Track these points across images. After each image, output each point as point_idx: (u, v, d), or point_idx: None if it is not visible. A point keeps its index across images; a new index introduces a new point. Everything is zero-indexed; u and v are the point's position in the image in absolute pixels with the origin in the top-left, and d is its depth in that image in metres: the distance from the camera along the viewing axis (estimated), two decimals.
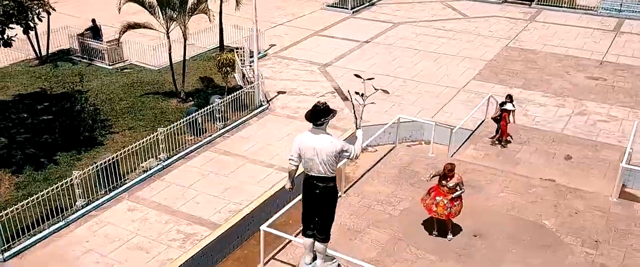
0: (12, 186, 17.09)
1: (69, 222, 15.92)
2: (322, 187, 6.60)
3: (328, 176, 6.58)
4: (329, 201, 6.74)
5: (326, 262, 6.77)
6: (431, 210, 12.67)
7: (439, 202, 12.49)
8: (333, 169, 6.58)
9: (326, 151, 6.44)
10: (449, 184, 12.38)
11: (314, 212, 6.92)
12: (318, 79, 25.85)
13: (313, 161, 6.53)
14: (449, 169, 12.42)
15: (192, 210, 16.65)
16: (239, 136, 20.90)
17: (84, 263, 14.55)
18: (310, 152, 6.51)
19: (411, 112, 22.52)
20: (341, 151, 6.55)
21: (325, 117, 6.69)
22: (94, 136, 19.70)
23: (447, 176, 12.40)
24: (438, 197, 12.53)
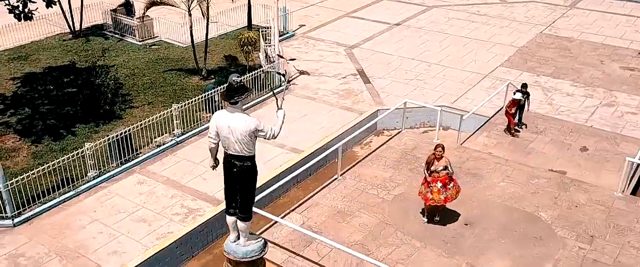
0: (29, 155, 17.79)
1: (79, 192, 16.47)
2: (239, 165, 6.66)
3: (244, 154, 6.62)
4: (247, 180, 6.79)
5: (250, 240, 6.84)
6: (428, 199, 12.53)
7: (432, 189, 12.40)
8: (249, 148, 6.61)
9: (240, 130, 6.48)
10: (439, 168, 12.26)
11: (234, 190, 7.00)
12: (342, 60, 25.75)
13: (228, 139, 6.59)
14: (441, 149, 12.32)
15: (198, 186, 16.98)
16: (256, 115, 20.97)
17: (88, 232, 15.07)
18: (225, 131, 6.58)
19: (432, 97, 22.26)
20: (255, 130, 6.57)
21: (239, 96, 6.71)
22: (113, 110, 20.24)
23: (436, 158, 12.29)
24: (432, 184, 12.42)
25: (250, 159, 6.61)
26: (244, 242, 6.67)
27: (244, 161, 6.56)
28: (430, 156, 12.54)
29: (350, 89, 23.07)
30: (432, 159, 12.46)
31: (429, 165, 12.43)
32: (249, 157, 6.60)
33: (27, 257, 14.19)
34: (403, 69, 24.81)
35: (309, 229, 12.59)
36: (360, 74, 24.43)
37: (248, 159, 6.59)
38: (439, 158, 12.38)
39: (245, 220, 6.75)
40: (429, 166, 12.43)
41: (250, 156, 6.60)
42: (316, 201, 13.54)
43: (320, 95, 22.61)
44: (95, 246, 14.63)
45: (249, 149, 6.52)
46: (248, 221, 6.78)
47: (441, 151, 12.39)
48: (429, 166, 12.42)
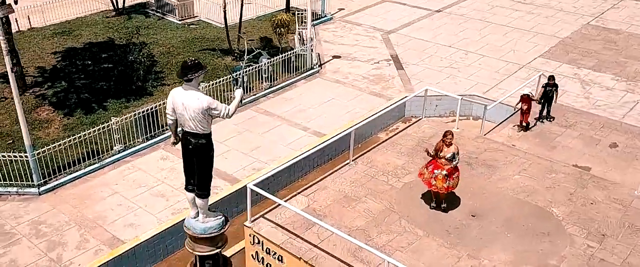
0: (61, 127, 18.47)
1: (103, 165, 17.03)
2: (193, 142, 6.76)
3: (199, 132, 6.70)
4: (202, 157, 6.88)
5: (209, 217, 6.93)
6: (430, 184, 12.46)
7: (437, 176, 12.26)
8: (204, 126, 6.68)
9: (193, 108, 6.56)
10: (447, 155, 12.10)
11: (191, 167, 7.11)
12: (378, 45, 25.56)
13: (183, 116, 6.69)
14: (451, 136, 12.16)
15: (218, 164, 17.11)
16: (283, 97, 21.25)
17: (108, 204, 15.59)
18: (180, 108, 6.67)
19: (464, 85, 21.90)
20: (208, 109, 6.63)
21: (193, 73, 6.77)
22: (145, 87, 20.73)
23: (445, 145, 12.13)
24: (436, 170, 12.30)
25: (205, 137, 6.70)
26: (202, 219, 6.80)
27: (198, 138, 6.66)
28: (439, 142, 12.38)
29: (381, 74, 22.91)
30: (441, 145, 12.31)
31: (437, 151, 12.28)
32: (204, 134, 6.69)
33: (48, 224, 14.80)
34: (438, 56, 24.45)
35: (313, 211, 12.65)
36: (394, 59, 24.20)
37: (203, 136, 6.68)
38: (448, 145, 12.22)
39: (203, 197, 6.87)
40: (437, 151, 12.28)
41: (204, 134, 6.69)
42: (324, 185, 13.57)
43: (350, 79, 22.55)
44: (113, 217, 15.12)
45: (203, 126, 6.61)
46: (205, 198, 6.90)
47: (451, 138, 12.23)
48: (438, 152, 12.28)
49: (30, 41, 24.06)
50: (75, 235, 14.46)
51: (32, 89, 20.05)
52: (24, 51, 22.75)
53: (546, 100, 17.09)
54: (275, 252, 11.77)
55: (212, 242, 6.61)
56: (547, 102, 17.11)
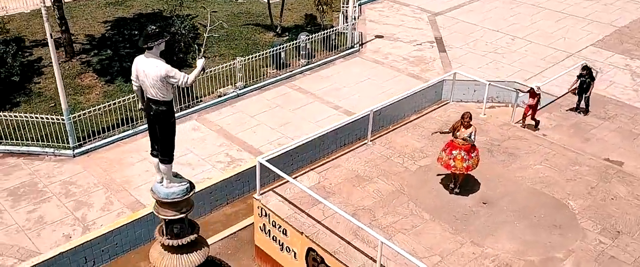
0: (101, 93, 19.22)
1: (137, 131, 17.65)
2: (154, 109, 6.94)
3: (159, 99, 6.87)
4: (163, 124, 7.05)
5: (173, 182, 7.13)
6: (449, 166, 12.30)
7: (456, 156, 12.12)
8: (163, 93, 6.84)
9: (152, 75, 6.72)
10: (464, 135, 11.95)
11: (155, 133, 7.30)
12: (423, 27, 25.21)
13: (144, 83, 6.87)
14: (469, 117, 12.01)
15: (246, 138, 17.61)
16: (319, 75, 21.33)
17: (136, 169, 16.19)
18: (141, 75, 6.86)
19: (506, 71, 21.39)
20: (166, 76, 6.77)
21: (153, 42, 6.91)
22: (185, 58, 21.24)
23: (464, 125, 11.98)
24: (454, 151, 12.16)
25: (165, 104, 6.88)
26: (166, 184, 7.02)
27: (159, 105, 6.85)
28: (457, 122, 12.23)
29: (422, 56, 22.63)
30: (458, 125, 12.17)
31: (454, 130, 12.16)
32: (164, 102, 6.86)
33: (78, 185, 15.53)
34: (484, 40, 23.91)
35: (322, 189, 12.77)
36: (438, 42, 23.84)
37: (163, 103, 6.86)
38: (466, 126, 12.05)
39: (165, 162, 7.09)
40: (454, 131, 12.16)
41: (164, 101, 6.86)
42: (338, 163, 13.64)
43: (389, 60, 22.39)
44: (139, 182, 15.70)
45: (162, 94, 6.78)
46: (168, 163, 7.10)
47: (468, 120, 12.04)
48: (454, 131, 12.16)
49: (84, 10, 24.99)
50: (101, 197, 15.11)
51: (79, 56, 20.88)
52: (76, 19, 23.67)
53: (580, 91, 16.50)
54: (280, 225, 11.98)
55: (176, 207, 6.84)
56: (582, 93, 16.52)
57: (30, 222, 14.18)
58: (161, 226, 7.03)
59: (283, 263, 12.29)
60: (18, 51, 19.64)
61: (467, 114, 12.20)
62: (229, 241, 13.84)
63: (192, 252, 7.01)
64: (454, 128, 12.15)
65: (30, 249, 13.36)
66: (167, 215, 6.79)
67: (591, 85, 16.35)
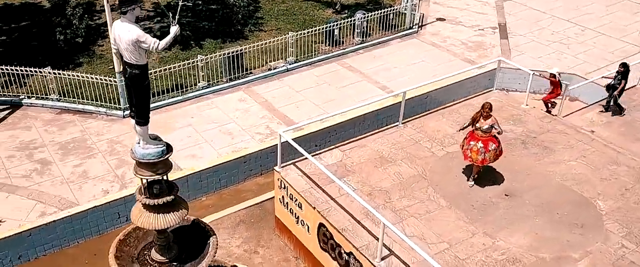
0: (157, 59, 20.00)
1: (186, 98, 18.30)
2: (129, 72, 7.19)
3: (132, 62, 7.10)
4: (136, 87, 7.28)
5: (149, 144, 7.40)
6: (466, 156, 12.14)
7: (472, 147, 11.92)
8: (136, 57, 7.05)
9: (125, 39, 6.95)
10: (483, 127, 11.70)
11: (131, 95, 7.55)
12: (488, 12, 24.50)
13: (119, 46, 7.12)
14: (488, 108, 11.74)
15: (289, 112, 17.88)
16: (372, 54, 21.24)
17: (179, 134, 16.82)
18: (117, 39, 7.11)
19: (568, 63, 20.53)
20: (137, 41, 6.97)
21: (126, 7, 7.11)
22: (243, 31, 21.69)
23: (483, 116, 11.73)
24: (472, 141, 11.95)
25: (138, 68, 7.11)
26: (142, 145, 7.31)
27: (132, 69, 7.11)
28: (477, 113, 11.96)
29: (482, 42, 22.06)
30: (478, 116, 11.90)
31: (474, 121, 11.92)
32: (137, 65, 7.10)
33: (123, 145, 16.35)
34: (550, 29, 22.97)
35: (343, 166, 12.86)
36: (501, 28, 23.13)
37: (136, 67, 7.10)
38: (486, 117, 11.77)
39: (140, 124, 7.36)
40: (474, 121, 11.92)
41: (137, 65, 7.10)
42: (364, 143, 13.65)
43: (447, 43, 21.97)
44: (179, 146, 16.27)
45: (135, 57, 7.03)
46: (142, 125, 7.36)
47: (488, 110, 11.76)
48: (474, 121, 11.91)
49: None
50: None
51: (143, 23, 21.75)
52: None
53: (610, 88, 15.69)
54: (296, 199, 12.20)
55: (153, 168, 7.17)
56: (612, 90, 15.68)
57: (74, 175, 15.09)
58: (142, 186, 7.38)
59: (298, 236, 12.54)
60: (84, 14, 20.68)
61: (487, 104, 11.86)
62: (254, 210, 14.21)
63: (169, 212, 7.34)
64: (474, 119, 11.87)
65: (70, 200, 14.25)
66: (143, 175, 7.14)
67: (621, 84, 15.48)
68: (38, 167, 15.39)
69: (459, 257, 10.69)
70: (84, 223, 13.67)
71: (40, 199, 14.31)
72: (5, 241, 12.93)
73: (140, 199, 7.25)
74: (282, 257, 12.82)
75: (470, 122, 11.93)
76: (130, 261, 7.61)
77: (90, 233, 13.94)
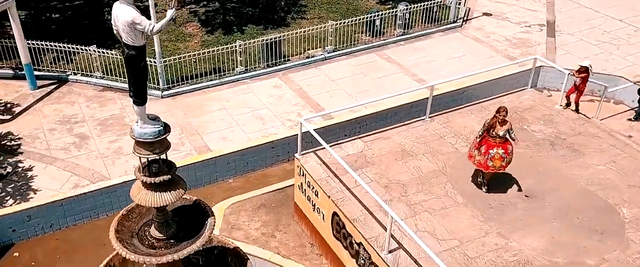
0: (200, 41, 20.44)
1: (223, 82, 18.67)
2: (126, 52, 7.35)
3: (129, 43, 7.24)
4: (133, 68, 7.42)
5: (146, 123, 7.58)
6: (488, 166, 11.57)
7: (494, 156, 11.53)
8: (132, 39, 7.18)
9: (121, 20, 7.10)
10: (500, 133, 11.44)
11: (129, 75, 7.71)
12: (537, 8, 23.87)
13: (117, 27, 7.28)
14: (504, 112, 11.43)
15: (321, 101, 18.00)
16: (412, 46, 21.07)
17: (213, 116, 17.21)
18: (115, 19, 7.27)
19: (615, 65, 19.84)
20: (132, 23, 7.10)
21: None
22: (285, 17, 21.88)
23: (499, 122, 11.40)
24: (491, 150, 11.52)
25: (134, 49, 7.27)
26: (140, 125, 7.53)
27: (129, 50, 7.28)
28: (493, 119, 11.50)
29: (527, 39, 21.55)
30: (494, 122, 11.50)
31: (490, 128, 11.45)
32: (133, 47, 7.25)
33: None
34: (602, 29, 22.21)
35: (363, 157, 12.90)
36: (549, 25, 22.52)
37: (133, 48, 7.26)
38: (502, 122, 11.41)
39: (137, 104, 7.55)
40: (490, 128, 11.46)
41: (134, 46, 7.25)
42: (388, 135, 13.62)
43: (490, 39, 21.57)
44: (212, 129, 16.70)
45: (132, 39, 7.19)
46: (140, 105, 7.53)
47: (504, 114, 11.40)
48: (491, 129, 11.46)
49: None
50: (175, 137, 16.27)
51: (189, 5, 22.24)
52: None
53: None
54: (313, 186, 12.34)
55: (150, 147, 7.40)
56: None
57: (109, 151, 15.67)
58: (141, 164, 7.66)
59: (314, 223, 12.69)
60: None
61: (502, 108, 11.39)
62: (276, 195, 14.42)
63: (166, 191, 7.58)
64: (490, 126, 11.44)
65: (102, 175, 14.83)
66: (141, 153, 7.40)
67: None
68: (76, 141, 16.04)
69: (468, 255, 10.60)
70: (113, 197, 14.19)
71: (75, 172, 14.94)
72: (38, 209, 13.57)
73: (139, 177, 7.52)
74: (298, 242, 13.00)
75: (485, 129, 11.50)
76: (129, 236, 7.92)
77: (118, 206, 14.42)
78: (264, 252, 12.70)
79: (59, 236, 13.84)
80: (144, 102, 7.52)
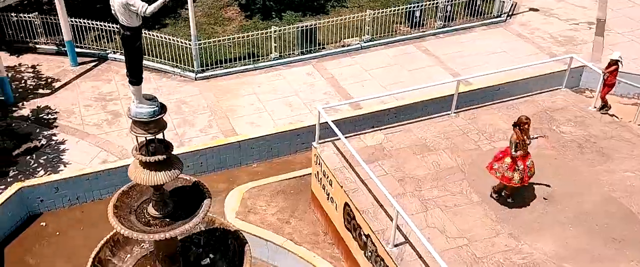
0: (238, 26, 20.63)
1: (256, 67, 18.82)
2: (121, 33, 7.41)
3: (124, 24, 7.29)
4: (128, 48, 7.46)
5: (142, 103, 7.65)
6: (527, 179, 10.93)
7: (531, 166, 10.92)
8: (126, 19, 7.20)
9: (117, 1, 7.16)
10: (528, 142, 10.97)
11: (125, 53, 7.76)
12: (588, 5, 23.03)
13: (113, 7, 7.33)
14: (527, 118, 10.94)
15: (351, 90, 17.93)
16: (452, 40, 20.70)
17: (243, 100, 17.39)
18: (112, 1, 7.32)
19: None
20: (126, 4, 7.13)
21: None
22: (324, 5, 21.82)
23: (525, 132, 10.82)
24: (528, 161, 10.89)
25: (129, 30, 7.32)
26: (135, 104, 7.62)
27: (125, 30, 7.34)
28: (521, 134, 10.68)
29: (573, 37, 20.84)
30: (523, 136, 10.68)
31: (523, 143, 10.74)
32: (128, 27, 7.30)
33: (189, 105, 17.15)
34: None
35: (381, 149, 12.77)
36: (598, 23, 21.70)
37: (128, 29, 7.31)
38: (527, 131, 10.90)
39: (132, 84, 7.62)
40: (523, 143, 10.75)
41: (128, 27, 7.30)
42: (409, 128, 13.43)
43: (535, 35, 20.96)
44: (241, 113, 16.89)
45: (126, 20, 7.23)
46: (135, 84, 7.60)
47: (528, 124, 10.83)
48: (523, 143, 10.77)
49: None
50: (204, 119, 16.56)
51: None
52: None
53: None
54: (328, 176, 12.32)
55: (145, 126, 7.51)
56: None
57: None
58: (138, 143, 7.80)
59: (328, 212, 12.68)
60: None
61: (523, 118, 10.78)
62: (297, 181, 14.46)
63: (161, 171, 7.70)
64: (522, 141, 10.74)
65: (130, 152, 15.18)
66: (136, 132, 7.54)
67: None
68: (109, 118, 16.50)
69: (475, 254, 10.40)
70: None
71: (105, 147, 15.39)
72: (66, 181, 14.03)
73: (135, 156, 7.67)
74: (311, 230, 13.02)
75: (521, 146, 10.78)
76: (127, 212, 8.10)
77: None
78: (277, 237, 12.78)
79: (84, 208, 14.28)
80: (138, 82, 7.63)
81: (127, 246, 9.21)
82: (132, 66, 7.47)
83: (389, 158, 12.52)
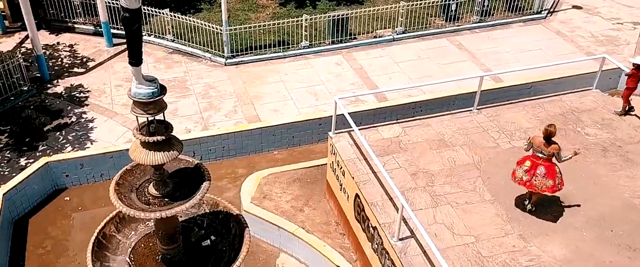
0: (271, 13, 20.72)
1: (286, 55, 18.90)
2: (123, 14, 7.50)
3: (124, 5, 7.38)
4: (127, 29, 7.52)
5: (142, 84, 7.74)
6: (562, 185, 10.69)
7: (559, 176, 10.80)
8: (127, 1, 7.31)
9: None
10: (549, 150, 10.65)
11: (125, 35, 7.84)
12: (635, 5, 22.23)
13: None
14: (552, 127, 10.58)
15: (379, 82, 17.82)
16: (487, 35, 20.32)
17: (269, 88, 17.50)
18: None
19: None
20: None
21: None
22: None
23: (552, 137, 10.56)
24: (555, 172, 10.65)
25: (128, 12, 7.40)
26: (136, 85, 7.74)
27: (125, 12, 7.42)
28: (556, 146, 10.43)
29: (615, 37, 20.17)
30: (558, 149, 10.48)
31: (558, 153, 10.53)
32: (127, 9, 7.39)
33: (217, 90, 17.36)
34: None
35: (397, 142, 12.66)
36: None
37: (127, 10, 7.40)
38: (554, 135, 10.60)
39: (132, 64, 7.72)
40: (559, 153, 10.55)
41: (128, 9, 7.38)
42: (428, 123, 13.27)
43: (574, 34, 20.37)
44: (266, 100, 17.01)
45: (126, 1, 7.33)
46: (134, 65, 7.69)
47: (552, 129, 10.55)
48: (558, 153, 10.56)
49: None
50: (230, 105, 16.74)
51: None
52: None
53: None
54: (341, 166, 12.31)
55: (144, 107, 7.65)
56: None
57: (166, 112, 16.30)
58: (139, 124, 7.96)
59: (340, 202, 12.69)
60: None
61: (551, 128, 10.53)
62: (315, 170, 14.49)
63: (161, 151, 7.85)
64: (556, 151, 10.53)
65: None
66: (136, 112, 7.69)
67: None
68: None
69: (481, 253, 10.24)
70: None
71: (131, 127, 15.70)
72: (91, 158, 14.43)
73: (136, 135, 7.83)
74: (324, 220, 13.04)
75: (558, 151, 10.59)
76: (129, 190, 8.29)
77: None
78: (290, 224, 12.85)
79: (107, 185, 14.53)
80: (138, 63, 7.75)
81: (133, 223, 9.42)
82: (132, 48, 7.60)
83: (405, 151, 12.41)
